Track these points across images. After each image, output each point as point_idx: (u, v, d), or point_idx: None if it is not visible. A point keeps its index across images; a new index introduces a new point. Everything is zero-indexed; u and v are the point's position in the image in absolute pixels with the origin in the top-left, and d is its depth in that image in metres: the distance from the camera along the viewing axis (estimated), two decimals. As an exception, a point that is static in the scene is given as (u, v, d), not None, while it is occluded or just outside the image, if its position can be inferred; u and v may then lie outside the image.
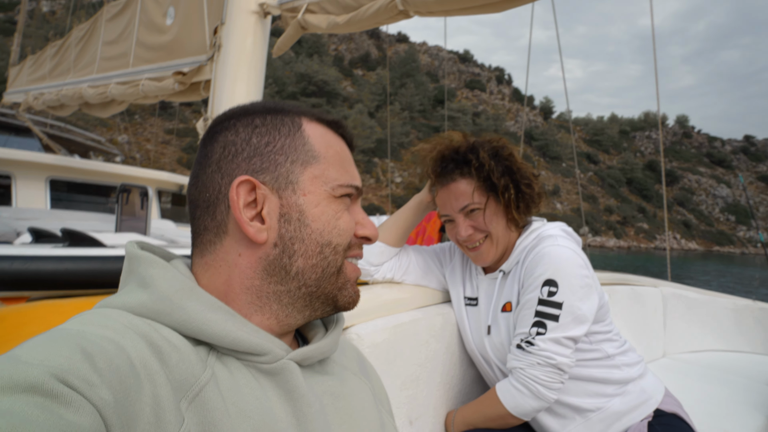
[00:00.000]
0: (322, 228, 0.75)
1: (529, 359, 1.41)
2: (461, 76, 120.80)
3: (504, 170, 1.52)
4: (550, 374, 1.40)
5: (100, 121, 37.81)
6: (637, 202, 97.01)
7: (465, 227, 1.54)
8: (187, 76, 3.42)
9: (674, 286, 3.30)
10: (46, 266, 1.83)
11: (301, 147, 0.77)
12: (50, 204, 6.13)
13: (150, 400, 0.55)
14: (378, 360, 1.36)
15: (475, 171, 1.51)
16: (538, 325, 1.42)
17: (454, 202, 1.54)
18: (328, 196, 0.76)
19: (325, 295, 0.77)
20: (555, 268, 1.44)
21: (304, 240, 0.74)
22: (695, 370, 2.76)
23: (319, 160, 0.77)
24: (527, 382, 1.41)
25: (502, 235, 1.56)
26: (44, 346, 0.50)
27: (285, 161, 0.75)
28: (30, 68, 6.71)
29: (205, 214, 0.75)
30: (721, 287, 20.09)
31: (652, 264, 41.34)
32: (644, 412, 1.55)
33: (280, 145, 0.76)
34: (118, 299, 0.67)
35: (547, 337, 1.40)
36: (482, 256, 1.57)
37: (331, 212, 0.76)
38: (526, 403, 1.41)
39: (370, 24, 2.61)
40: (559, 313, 1.41)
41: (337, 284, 0.77)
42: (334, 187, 0.77)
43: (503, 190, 1.50)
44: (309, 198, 0.75)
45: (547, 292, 1.43)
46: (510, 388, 1.44)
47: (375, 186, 61.96)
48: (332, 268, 0.76)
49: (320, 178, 0.76)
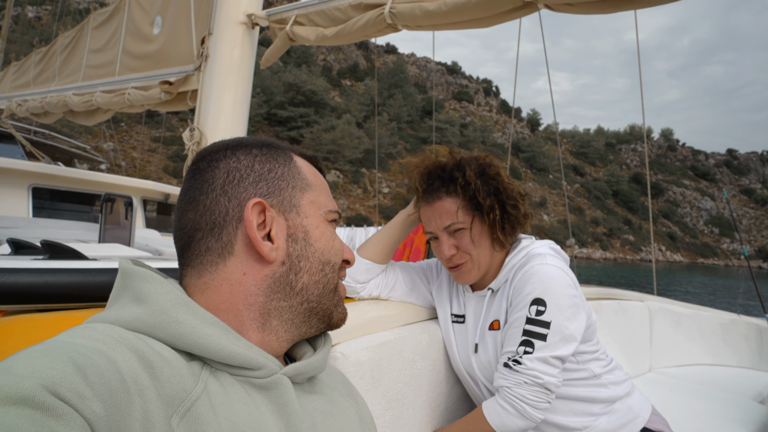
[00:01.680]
0: (323, 247, 0.82)
1: (516, 378, 1.40)
2: (449, 87, 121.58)
3: (490, 190, 1.50)
4: (537, 394, 1.38)
5: (85, 129, 37.52)
6: (623, 214, 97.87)
7: (448, 246, 1.52)
8: (174, 85, 3.39)
9: (660, 300, 3.31)
10: (25, 279, 1.79)
11: (297, 175, 0.83)
12: (33, 212, 6.04)
13: (140, 415, 0.55)
14: (363, 379, 1.33)
15: (461, 189, 1.49)
16: (526, 344, 1.40)
17: (438, 220, 1.52)
18: (323, 220, 0.83)
19: (323, 311, 0.82)
20: (544, 287, 1.43)
21: (309, 258, 0.80)
22: (682, 385, 2.76)
23: (312, 188, 0.84)
24: (513, 402, 1.39)
25: (484, 256, 1.53)
26: (36, 358, 0.50)
27: (287, 186, 0.81)
28: (14, 75, 6.65)
29: (209, 236, 0.76)
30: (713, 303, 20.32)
31: (638, 276, 41.68)
32: (631, 430, 1.54)
33: (280, 172, 0.82)
34: (111, 314, 0.67)
35: (534, 356, 1.39)
36: (464, 276, 1.55)
37: (328, 234, 0.83)
38: (512, 422, 1.39)
39: (359, 37, 2.60)
40: (547, 332, 1.40)
41: (333, 301, 0.83)
42: (326, 212, 0.84)
43: (488, 210, 1.48)
44: (310, 220, 0.81)
45: (536, 311, 1.41)
46: (496, 407, 1.42)
47: (362, 196, 61.96)
48: (331, 284, 0.82)
49: (315, 204, 0.83)
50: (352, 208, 58.45)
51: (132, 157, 42.28)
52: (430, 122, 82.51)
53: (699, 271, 66.17)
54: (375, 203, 58.97)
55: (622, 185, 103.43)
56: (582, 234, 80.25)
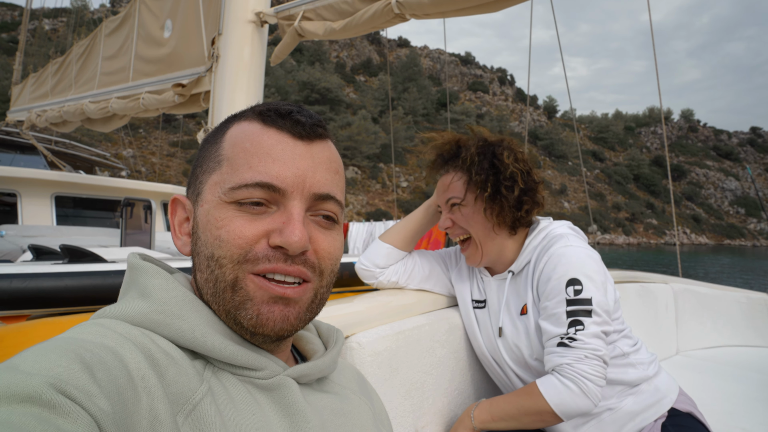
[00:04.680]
0: (205, 239, 0.68)
1: (576, 354, 1.36)
2: (463, 78, 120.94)
3: (488, 168, 1.49)
4: (597, 368, 1.35)
5: (104, 136, 38.07)
6: (645, 198, 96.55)
7: (444, 218, 1.58)
8: (187, 87, 3.42)
9: (685, 282, 3.25)
10: (46, 283, 1.82)
11: (213, 154, 0.72)
12: (56, 220, 6.16)
13: (147, 413, 0.54)
14: (381, 368, 1.33)
15: (461, 164, 1.53)
16: (575, 323, 1.39)
17: (442, 193, 1.58)
18: (218, 204, 0.68)
19: (227, 313, 0.68)
20: (575, 267, 1.43)
21: (199, 254, 0.70)
22: (710, 367, 2.71)
23: (222, 165, 0.70)
24: (576, 378, 1.35)
25: (484, 237, 1.53)
26: (43, 355, 0.49)
27: (200, 173, 0.73)
28: (32, 86, 6.77)
29: None
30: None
31: (665, 259, 41.12)
32: (658, 411, 1.52)
33: (203, 157, 0.74)
34: (117, 308, 0.66)
35: (588, 332, 1.38)
36: (469, 257, 1.59)
37: (213, 221, 0.68)
38: (573, 402, 1.35)
39: (367, 29, 2.59)
40: (591, 308, 1.39)
41: (234, 301, 0.67)
42: (225, 191, 0.68)
43: (480, 186, 1.49)
44: (204, 208, 0.70)
45: (573, 291, 1.41)
46: (557, 385, 1.37)
47: (381, 191, 61.99)
48: (222, 283, 0.67)
49: (219, 184, 0.69)
50: (372, 203, 58.50)
51: (152, 163, 42.82)
52: (446, 114, 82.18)
53: (725, 253, 65.06)
54: (394, 198, 58.93)
55: (643, 169, 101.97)
56: (604, 220, 79.32)
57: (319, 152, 0.72)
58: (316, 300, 0.72)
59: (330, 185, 0.72)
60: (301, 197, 0.69)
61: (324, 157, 0.73)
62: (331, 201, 0.72)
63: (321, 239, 0.71)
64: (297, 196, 0.69)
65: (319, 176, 0.71)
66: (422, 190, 61.67)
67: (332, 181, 0.72)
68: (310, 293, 0.71)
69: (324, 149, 0.73)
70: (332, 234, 0.73)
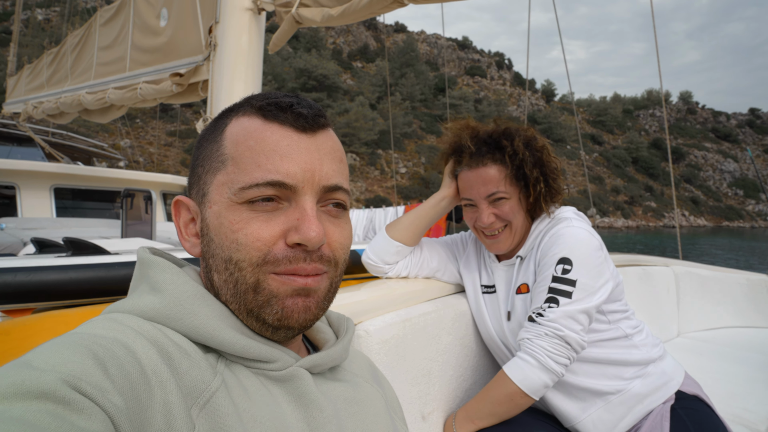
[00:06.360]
0: (220, 242, 0.68)
1: (537, 330, 1.40)
2: (461, 63, 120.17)
3: (536, 161, 1.51)
4: (557, 347, 1.37)
5: (102, 127, 37.89)
6: (643, 181, 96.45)
7: (488, 214, 1.52)
8: (185, 77, 3.39)
9: (686, 264, 3.26)
10: (50, 276, 1.82)
11: (214, 153, 0.71)
12: (56, 212, 6.15)
13: (161, 407, 0.54)
14: (388, 356, 1.34)
15: (509, 158, 1.50)
16: (551, 300, 1.41)
17: (481, 187, 1.52)
18: (229, 205, 0.68)
19: (248, 312, 0.69)
20: (570, 247, 1.44)
21: (214, 256, 0.69)
22: (711, 349, 2.73)
23: (227, 164, 0.69)
24: (534, 353, 1.37)
25: (521, 225, 1.55)
26: (56, 351, 0.50)
27: (202, 173, 0.72)
28: (27, 77, 6.72)
29: None
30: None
31: (665, 241, 41.18)
32: (666, 394, 1.53)
33: (203, 155, 0.73)
34: (128, 303, 0.67)
35: (559, 311, 1.39)
36: (499, 244, 1.56)
37: (227, 223, 0.67)
38: (534, 375, 1.37)
39: (365, 14, 2.57)
40: (573, 290, 1.40)
41: (256, 302, 0.67)
42: (235, 191, 0.67)
43: (534, 182, 1.50)
44: (213, 209, 0.69)
45: (562, 269, 1.42)
46: (518, 362, 1.40)
47: (380, 178, 61.85)
48: (242, 285, 0.67)
49: (227, 185, 0.69)
50: (371, 189, 58.40)
51: (149, 153, 42.69)
52: (444, 99, 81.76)
53: (724, 234, 65.16)
54: (393, 184, 58.83)
55: (641, 152, 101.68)
56: (603, 203, 79.34)
57: (324, 143, 0.72)
58: (331, 289, 0.74)
59: (337, 175, 0.72)
60: (311, 191, 0.69)
61: (328, 148, 0.73)
62: (340, 190, 0.73)
63: (333, 231, 0.72)
64: (308, 191, 0.69)
65: (327, 168, 0.71)
66: (421, 176, 61.45)
67: (338, 171, 0.73)
68: (326, 282, 0.72)
69: (327, 139, 0.74)
70: (342, 223, 0.74)
